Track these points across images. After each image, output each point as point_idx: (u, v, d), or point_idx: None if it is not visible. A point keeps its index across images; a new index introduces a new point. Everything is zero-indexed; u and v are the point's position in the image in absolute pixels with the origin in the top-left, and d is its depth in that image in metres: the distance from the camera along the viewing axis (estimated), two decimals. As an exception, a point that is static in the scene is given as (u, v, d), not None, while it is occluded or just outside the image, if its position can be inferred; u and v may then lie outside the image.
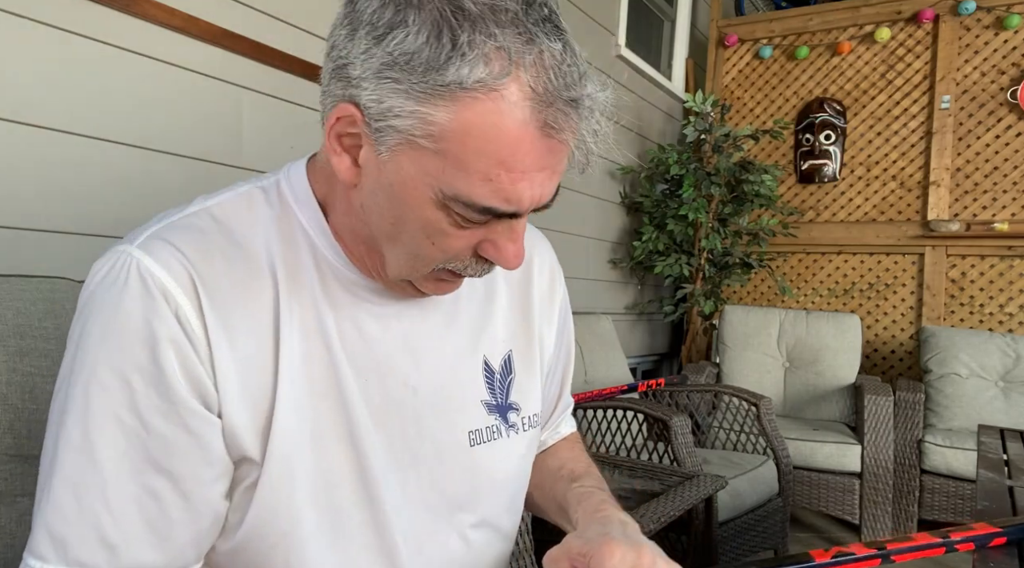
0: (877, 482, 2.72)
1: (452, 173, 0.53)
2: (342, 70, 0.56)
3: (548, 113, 0.52)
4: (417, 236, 0.58)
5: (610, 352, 2.89)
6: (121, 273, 0.57)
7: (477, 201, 0.54)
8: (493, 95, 0.51)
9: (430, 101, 0.51)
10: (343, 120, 0.56)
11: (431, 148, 0.53)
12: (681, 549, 1.92)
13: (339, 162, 0.58)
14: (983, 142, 3.49)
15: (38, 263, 1.42)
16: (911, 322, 3.62)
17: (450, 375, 0.70)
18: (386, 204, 0.57)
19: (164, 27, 1.60)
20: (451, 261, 0.60)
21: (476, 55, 0.50)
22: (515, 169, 0.53)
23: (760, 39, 4.04)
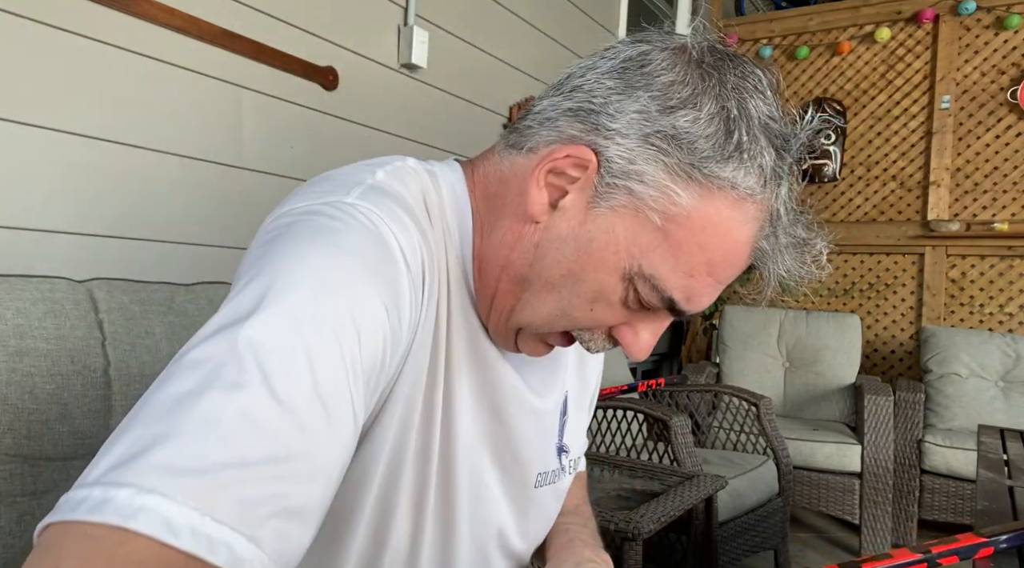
0: (877, 482, 2.72)
1: (662, 255, 0.53)
2: (590, 115, 0.54)
3: (769, 240, 0.55)
4: (581, 296, 0.56)
5: (610, 352, 2.89)
6: (356, 214, 0.50)
7: (667, 290, 0.54)
8: (741, 204, 0.53)
9: (685, 182, 0.52)
10: (571, 159, 0.54)
11: (656, 223, 0.53)
12: (681, 549, 1.92)
13: (536, 194, 0.56)
14: (983, 142, 3.49)
15: (38, 263, 1.42)
16: (911, 322, 3.62)
17: (539, 417, 0.68)
18: (571, 255, 0.55)
19: (164, 27, 1.60)
20: (588, 331, 0.59)
21: (752, 166, 0.52)
22: (715, 276, 0.54)
23: (760, 39, 4.04)
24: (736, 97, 0.53)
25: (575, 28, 3.21)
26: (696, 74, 0.54)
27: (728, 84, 0.53)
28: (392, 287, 0.49)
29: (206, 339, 0.42)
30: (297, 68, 1.94)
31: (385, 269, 0.49)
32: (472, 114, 2.63)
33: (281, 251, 0.47)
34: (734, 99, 0.53)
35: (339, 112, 2.10)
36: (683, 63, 0.54)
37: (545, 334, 0.60)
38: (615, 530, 1.40)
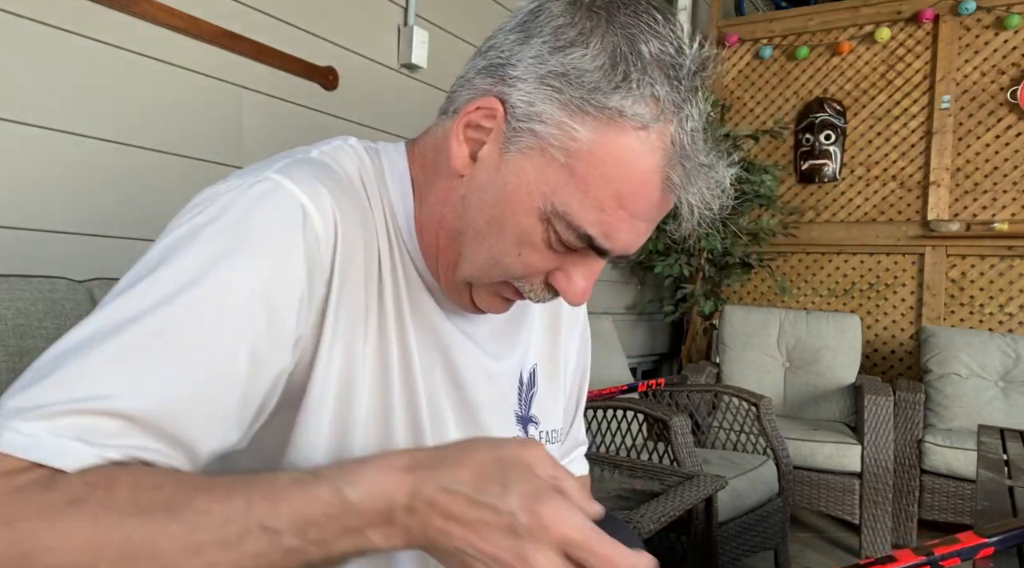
0: (877, 482, 2.72)
1: (570, 191, 0.56)
2: (498, 68, 0.59)
3: (675, 168, 0.56)
4: (507, 241, 0.59)
5: (610, 352, 2.89)
6: (261, 188, 0.54)
7: (581, 226, 0.56)
8: (640, 134, 0.55)
9: (581, 117, 0.55)
10: (482, 111, 0.59)
11: (561, 161, 0.55)
12: (681, 549, 1.92)
13: (457, 149, 0.60)
14: (983, 142, 3.49)
15: (38, 263, 1.42)
16: (911, 322, 3.62)
17: (494, 380, 0.71)
18: (491, 201, 0.59)
19: (164, 27, 1.60)
20: (522, 278, 0.61)
21: (640, 94, 0.54)
22: (627, 209, 0.56)
23: (760, 39, 4.04)
24: (624, 33, 0.56)
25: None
26: (584, 15, 0.57)
27: (616, 22, 0.56)
28: (287, 254, 0.53)
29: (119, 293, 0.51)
30: (297, 68, 1.94)
31: (278, 239, 0.53)
32: (472, 114, 2.63)
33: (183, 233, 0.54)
34: (621, 35, 0.55)
35: (339, 112, 2.10)
36: (574, 8, 0.57)
37: (492, 286, 0.63)
38: (615, 530, 1.40)
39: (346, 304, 0.58)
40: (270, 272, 0.52)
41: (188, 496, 0.44)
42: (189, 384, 0.48)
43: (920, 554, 0.81)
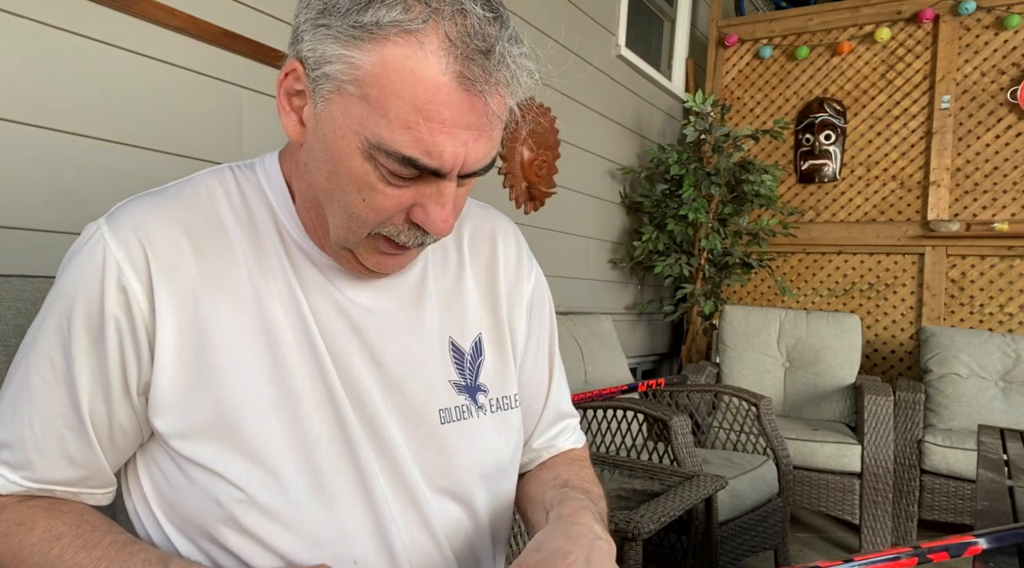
0: (877, 482, 2.72)
1: (375, 119, 0.56)
2: (295, 32, 0.61)
3: (464, 64, 0.55)
4: (349, 191, 0.60)
5: (610, 352, 2.89)
6: (85, 241, 0.65)
7: (398, 149, 0.56)
8: (410, 39, 0.54)
9: (353, 43, 0.55)
10: (290, 76, 0.61)
11: (356, 94, 0.56)
12: (681, 549, 1.93)
13: (287, 121, 0.62)
14: (983, 142, 3.49)
15: (38, 263, 1.42)
16: (911, 322, 3.62)
17: (417, 353, 0.71)
18: (322, 157, 0.60)
19: (164, 27, 1.60)
20: (384, 225, 0.62)
21: (392, 2, 0.54)
22: (434, 119, 0.55)
23: (760, 39, 4.04)
24: None
25: (575, 28, 3.21)
26: None
27: None
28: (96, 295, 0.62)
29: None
30: (297, 68, 1.94)
31: (90, 282, 0.63)
32: (472, 114, 2.62)
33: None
34: None
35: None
36: None
37: (368, 243, 0.64)
38: (615, 530, 1.40)
39: (184, 318, 0.63)
40: (79, 319, 0.63)
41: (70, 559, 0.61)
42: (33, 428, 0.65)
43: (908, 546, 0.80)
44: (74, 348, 0.63)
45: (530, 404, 0.85)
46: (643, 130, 3.89)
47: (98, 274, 0.62)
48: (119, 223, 0.64)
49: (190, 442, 0.63)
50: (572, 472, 0.83)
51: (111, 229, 0.63)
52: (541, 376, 0.86)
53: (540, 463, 0.87)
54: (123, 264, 0.62)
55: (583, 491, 0.76)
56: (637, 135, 3.83)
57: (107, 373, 0.63)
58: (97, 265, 0.62)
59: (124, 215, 0.64)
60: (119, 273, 0.62)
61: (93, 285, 0.62)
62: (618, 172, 3.64)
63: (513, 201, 2.81)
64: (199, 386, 0.63)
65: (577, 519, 0.66)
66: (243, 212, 0.68)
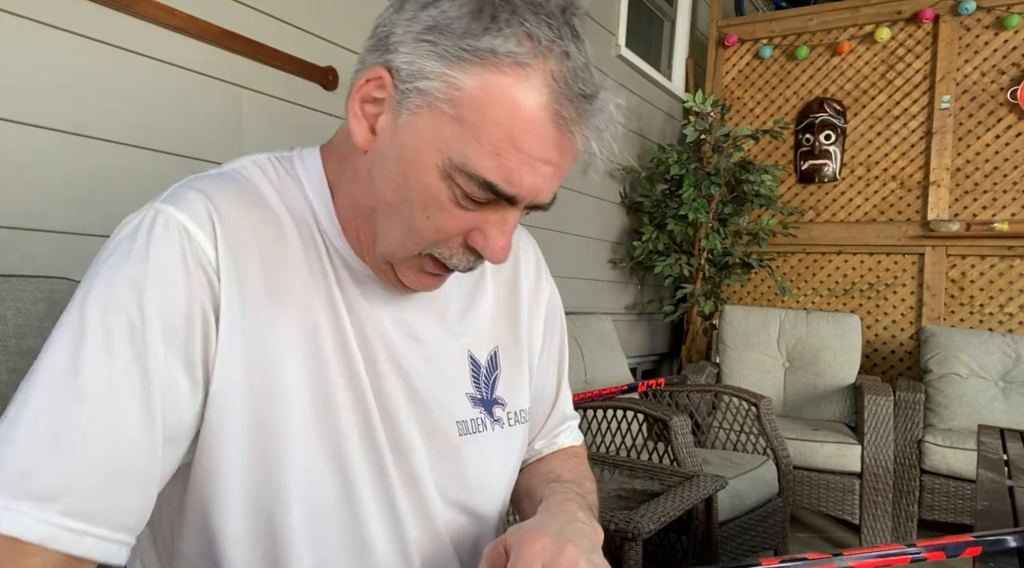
0: (877, 482, 2.72)
1: (465, 141, 0.56)
2: (383, 40, 0.60)
3: (563, 105, 0.56)
4: (415, 205, 0.59)
5: (610, 352, 2.89)
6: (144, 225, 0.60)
7: (481, 173, 0.56)
8: (519, 72, 0.55)
9: (459, 65, 0.55)
10: (372, 82, 0.60)
11: (450, 113, 0.56)
12: (681, 549, 1.93)
13: (357, 125, 0.61)
14: (983, 142, 3.49)
15: (38, 263, 1.42)
16: (911, 322, 3.62)
17: (440, 365, 0.72)
18: (393, 168, 0.60)
19: (164, 27, 1.60)
20: (440, 244, 0.62)
21: (511, 33, 0.55)
22: (523, 150, 0.56)
23: (760, 39, 4.04)
24: None
25: (575, 28, 3.20)
26: None
27: None
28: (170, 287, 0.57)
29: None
30: (297, 68, 1.94)
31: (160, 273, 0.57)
32: (472, 114, 2.62)
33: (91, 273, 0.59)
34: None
35: (339, 112, 2.10)
36: None
37: (415, 260, 0.63)
38: (615, 530, 1.40)
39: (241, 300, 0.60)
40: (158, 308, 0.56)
41: None
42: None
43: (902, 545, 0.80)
44: (148, 338, 0.55)
45: (536, 408, 0.86)
46: (643, 130, 3.89)
47: (176, 254, 0.57)
48: (183, 203, 0.60)
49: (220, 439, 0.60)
50: (567, 467, 0.84)
51: (177, 208, 0.59)
52: (550, 384, 0.88)
53: (538, 458, 0.89)
54: (198, 236, 0.58)
55: (573, 484, 0.78)
56: (637, 135, 3.83)
57: (185, 366, 0.57)
58: (174, 244, 0.57)
59: (186, 195, 0.60)
60: (197, 250, 0.58)
61: (170, 266, 0.57)
62: (618, 172, 3.64)
63: (513, 201, 2.80)
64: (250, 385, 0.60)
65: (563, 508, 0.68)
66: (286, 205, 0.66)
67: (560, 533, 0.59)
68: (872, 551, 0.78)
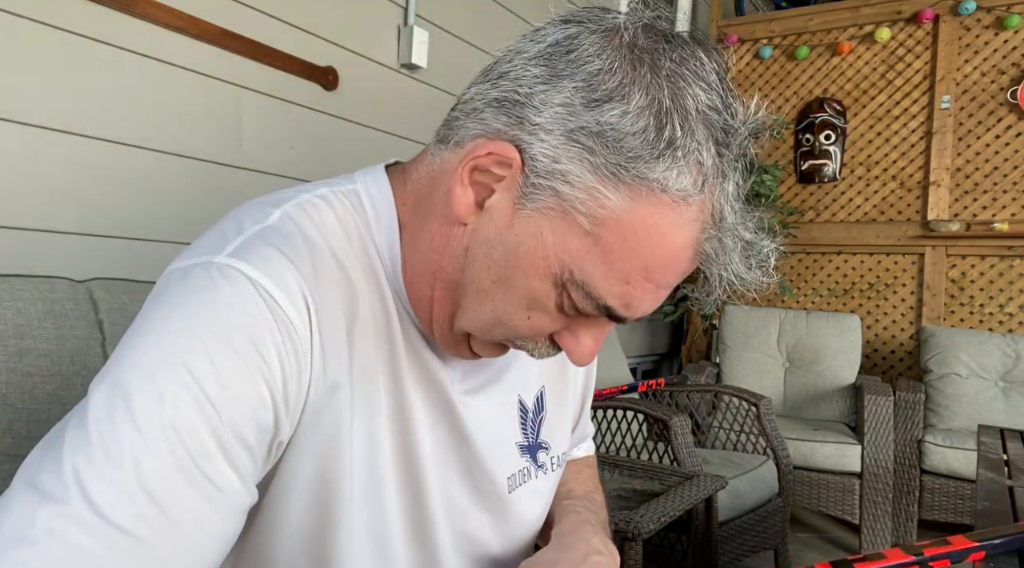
0: (877, 482, 2.72)
1: (594, 262, 0.50)
2: (515, 107, 0.51)
3: (712, 242, 0.51)
4: (514, 303, 0.53)
5: (610, 352, 2.89)
6: (219, 280, 0.49)
7: (602, 297, 0.51)
8: (680, 207, 0.49)
9: (613, 183, 0.48)
10: (494, 157, 0.51)
11: (586, 227, 0.49)
12: (681, 549, 1.92)
13: (461, 194, 0.53)
14: (983, 142, 3.49)
15: (38, 263, 1.42)
16: (911, 322, 3.62)
17: (495, 417, 0.67)
18: (500, 259, 0.52)
19: (164, 27, 1.60)
20: (527, 338, 0.56)
21: (686, 166, 0.48)
22: (654, 281, 0.51)
23: (760, 39, 4.04)
24: (670, 86, 0.49)
25: (575, 28, 3.20)
26: (627, 60, 0.49)
27: (662, 71, 0.49)
28: (257, 353, 0.48)
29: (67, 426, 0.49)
30: (297, 68, 1.94)
31: (244, 339, 0.47)
32: (472, 114, 2.62)
33: (144, 328, 0.48)
34: (667, 89, 0.48)
35: (339, 112, 2.10)
36: (613, 48, 0.50)
37: (486, 340, 0.58)
38: (615, 530, 1.40)
39: (329, 384, 0.53)
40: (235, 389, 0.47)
41: None
42: None
43: (910, 553, 0.80)
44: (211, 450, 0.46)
45: None
46: (643, 130, 3.88)
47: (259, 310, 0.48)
48: (267, 267, 0.50)
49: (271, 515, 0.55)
50: (580, 479, 0.82)
51: (262, 272, 0.49)
52: (581, 403, 0.85)
53: None
54: (287, 308, 0.49)
55: (586, 499, 0.76)
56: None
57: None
58: (250, 300, 0.48)
59: (267, 257, 0.50)
60: (293, 331, 0.50)
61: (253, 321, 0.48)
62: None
63: (513, 201, 2.81)
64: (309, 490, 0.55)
65: (578, 535, 0.65)
66: (358, 260, 0.57)
67: None
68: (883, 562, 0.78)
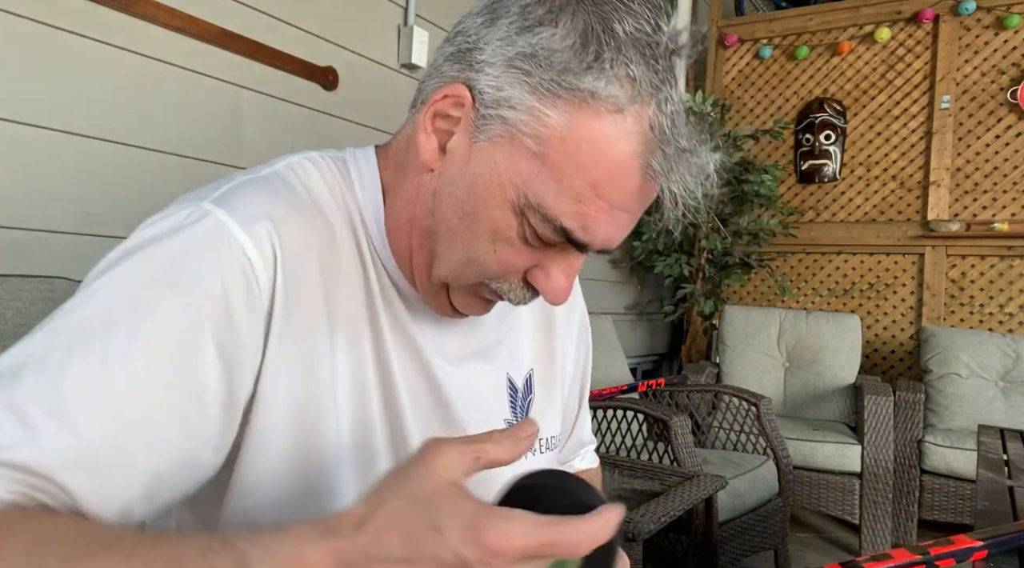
0: (877, 482, 2.72)
1: (545, 181, 0.53)
2: (466, 54, 0.56)
3: (656, 156, 0.53)
4: (480, 237, 0.56)
5: (610, 352, 2.89)
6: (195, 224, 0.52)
7: (557, 218, 0.53)
8: (616, 117, 0.51)
9: (552, 100, 0.51)
10: (449, 99, 0.56)
11: (533, 149, 0.52)
12: (681, 549, 1.93)
13: (426, 141, 0.57)
14: (983, 142, 3.49)
15: (38, 263, 1.42)
16: (911, 322, 3.62)
17: (480, 393, 0.69)
18: (463, 195, 0.56)
19: (164, 27, 1.60)
20: (500, 277, 0.58)
21: (614, 75, 0.51)
22: (605, 198, 0.53)
23: (760, 39, 4.04)
24: (596, 11, 0.52)
25: (575, 28, 3.21)
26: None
27: (589, 1, 0.53)
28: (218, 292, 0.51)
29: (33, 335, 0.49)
30: (297, 68, 1.94)
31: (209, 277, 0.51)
32: (472, 114, 2.62)
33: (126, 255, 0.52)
34: (593, 13, 0.52)
35: (339, 112, 2.10)
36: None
37: (470, 287, 0.60)
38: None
39: (296, 327, 0.55)
40: (200, 314, 0.50)
41: (84, 554, 0.40)
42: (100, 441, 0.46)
43: (916, 553, 0.81)
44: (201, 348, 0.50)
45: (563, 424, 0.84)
46: (643, 130, 3.89)
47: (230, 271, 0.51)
48: (242, 212, 0.53)
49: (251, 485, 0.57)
50: None
51: (233, 218, 0.53)
52: (572, 407, 0.85)
53: None
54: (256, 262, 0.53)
55: None
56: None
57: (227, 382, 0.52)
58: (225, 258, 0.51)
59: (245, 203, 0.54)
60: (252, 272, 0.52)
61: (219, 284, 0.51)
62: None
63: (513, 201, 2.81)
64: (291, 425, 0.56)
65: None
66: (340, 213, 0.61)
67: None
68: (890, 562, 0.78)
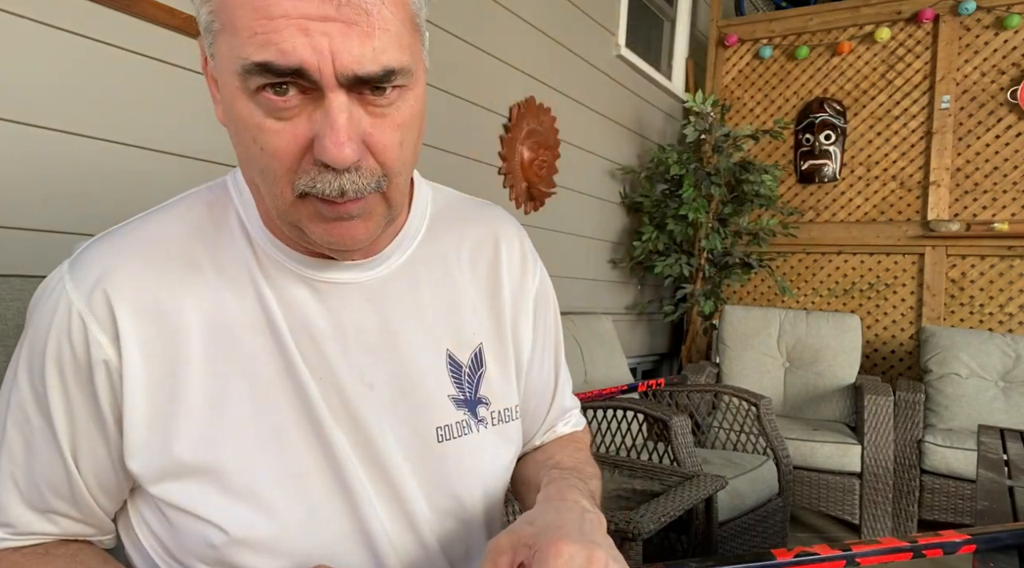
0: (877, 482, 2.72)
1: (232, 43, 0.52)
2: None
3: None
4: (249, 145, 0.56)
5: (610, 352, 2.89)
6: (50, 292, 0.64)
7: (250, 58, 0.51)
8: None
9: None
10: (201, 53, 0.59)
11: (216, 27, 0.53)
12: (681, 549, 1.92)
13: (216, 106, 0.60)
14: (983, 142, 3.49)
15: (38, 263, 1.42)
16: (911, 322, 3.62)
17: (411, 370, 0.69)
18: (227, 120, 0.58)
19: (164, 27, 1.60)
20: (298, 176, 0.55)
21: None
22: (275, 15, 0.50)
23: (760, 39, 4.04)
24: None
25: (575, 28, 3.21)
26: None
27: None
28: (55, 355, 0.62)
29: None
30: (297, 68, 1.94)
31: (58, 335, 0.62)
32: (472, 114, 2.63)
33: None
34: None
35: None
36: None
37: (302, 208, 0.58)
38: (615, 530, 1.40)
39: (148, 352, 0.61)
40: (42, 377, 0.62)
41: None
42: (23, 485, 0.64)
43: (904, 541, 0.81)
44: (51, 402, 0.62)
45: (536, 407, 0.84)
46: (643, 130, 3.89)
47: (64, 328, 0.61)
48: (82, 272, 0.62)
49: (172, 484, 0.61)
50: (566, 453, 0.82)
51: (74, 280, 0.62)
52: (547, 379, 0.85)
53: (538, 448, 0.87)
54: (87, 317, 0.60)
55: (574, 470, 0.76)
56: (637, 135, 3.83)
57: (93, 419, 0.62)
58: (63, 317, 0.61)
59: (87, 262, 0.63)
60: (84, 327, 0.60)
61: (61, 338, 0.61)
62: (618, 172, 3.64)
63: (513, 201, 2.81)
64: (175, 428, 0.61)
65: (564, 496, 0.66)
66: (213, 236, 0.65)
67: (582, 534, 0.56)
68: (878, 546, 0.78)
